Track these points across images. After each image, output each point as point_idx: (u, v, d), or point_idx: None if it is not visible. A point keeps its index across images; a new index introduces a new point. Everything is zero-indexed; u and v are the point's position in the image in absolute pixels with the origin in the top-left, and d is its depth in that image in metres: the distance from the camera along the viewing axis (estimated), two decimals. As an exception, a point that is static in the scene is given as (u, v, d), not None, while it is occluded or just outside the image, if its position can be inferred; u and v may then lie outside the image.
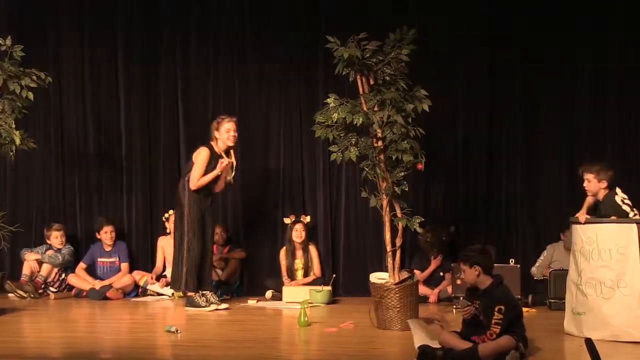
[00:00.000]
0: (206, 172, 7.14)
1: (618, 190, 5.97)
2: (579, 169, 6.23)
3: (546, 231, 8.09)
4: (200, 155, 7.18)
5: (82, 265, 8.44)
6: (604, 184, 6.01)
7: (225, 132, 7.22)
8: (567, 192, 8.03)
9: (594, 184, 6.04)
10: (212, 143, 7.27)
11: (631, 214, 5.80)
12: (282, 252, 8.28)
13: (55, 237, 8.33)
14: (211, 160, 7.16)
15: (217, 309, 7.16)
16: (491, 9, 8.17)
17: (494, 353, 4.80)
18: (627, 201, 5.89)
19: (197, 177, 7.12)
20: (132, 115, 8.70)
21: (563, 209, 7.75)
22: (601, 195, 6.01)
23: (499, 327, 4.86)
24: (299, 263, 8.22)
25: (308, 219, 8.31)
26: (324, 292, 7.69)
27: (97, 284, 8.17)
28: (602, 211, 5.94)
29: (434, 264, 8.01)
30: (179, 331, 5.98)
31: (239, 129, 8.48)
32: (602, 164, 6.12)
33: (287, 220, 8.28)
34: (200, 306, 7.11)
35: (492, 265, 5.11)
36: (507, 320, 4.88)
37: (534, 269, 7.86)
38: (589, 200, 6.03)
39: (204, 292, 7.21)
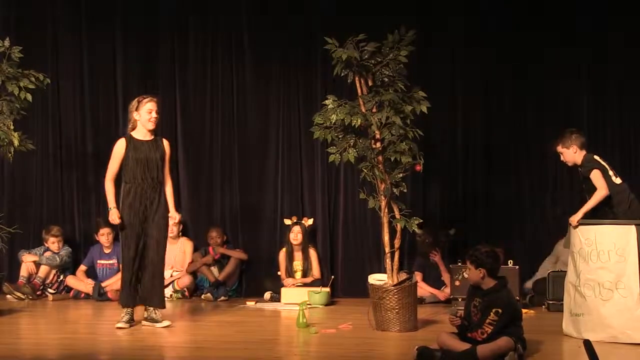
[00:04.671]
0: (126, 162, 6.35)
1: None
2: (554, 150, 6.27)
3: (545, 232, 8.08)
4: (114, 148, 6.48)
5: (82, 267, 8.45)
6: (575, 148, 6.07)
7: (146, 113, 6.33)
8: (567, 193, 8.03)
9: (567, 154, 6.11)
10: (130, 131, 6.43)
11: (610, 173, 5.93)
12: (282, 253, 8.28)
13: (52, 242, 8.31)
14: (128, 150, 6.35)
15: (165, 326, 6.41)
16: (490, 8, 8.17)
17: (493, 354, 4.80)
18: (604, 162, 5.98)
19: (108, 171, 6.43)
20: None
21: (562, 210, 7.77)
22: (578, 159, 6.06)
23: (491, 328, 4.90)
24: (297, 265, 8.21)
25: (310, 222, 8.29)
26: (323, 294, 7.67)
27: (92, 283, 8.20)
28: (583, 174, 6.01)
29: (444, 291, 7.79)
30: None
31: (239, 129, 8.54)
32: (563, 133, 6.14)
33: (287, 221, 8.27)
34: (158, 321, 6.40)
35: (498, 268, 5.12)
36: (502, 323, 4.91)
37: (547, 264, 7.76)
38: (588, 204, 5.99)
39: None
